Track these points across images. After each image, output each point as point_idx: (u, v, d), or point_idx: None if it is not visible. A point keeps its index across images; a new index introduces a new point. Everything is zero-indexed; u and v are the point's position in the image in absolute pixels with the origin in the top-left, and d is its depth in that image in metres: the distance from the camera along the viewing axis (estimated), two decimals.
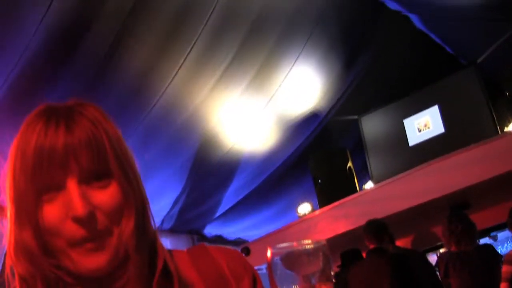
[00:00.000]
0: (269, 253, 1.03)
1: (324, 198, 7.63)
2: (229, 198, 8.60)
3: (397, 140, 7.58)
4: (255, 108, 7.28)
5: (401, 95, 7.67)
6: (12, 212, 1.15)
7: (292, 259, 1.01)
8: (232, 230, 9.60)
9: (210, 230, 9.31)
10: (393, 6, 7.21)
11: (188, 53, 6.12)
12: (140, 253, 1.18)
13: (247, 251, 7.68)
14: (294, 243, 1.02)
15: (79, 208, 1.08)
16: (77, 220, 1.09)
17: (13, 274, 1.17)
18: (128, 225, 1.16)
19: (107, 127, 1.19)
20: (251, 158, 7.96)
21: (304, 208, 7.97)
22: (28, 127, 1.15)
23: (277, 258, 1.02)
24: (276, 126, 7.76)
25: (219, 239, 9.50)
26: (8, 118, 5.53)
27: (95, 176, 1.14)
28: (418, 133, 7.42)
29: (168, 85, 6.25)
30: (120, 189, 1.16)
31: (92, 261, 1.12)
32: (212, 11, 5.94)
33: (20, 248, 1.14)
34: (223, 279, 1.23)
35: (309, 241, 1.03)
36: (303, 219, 7.66)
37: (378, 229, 5.60)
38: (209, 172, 7.88)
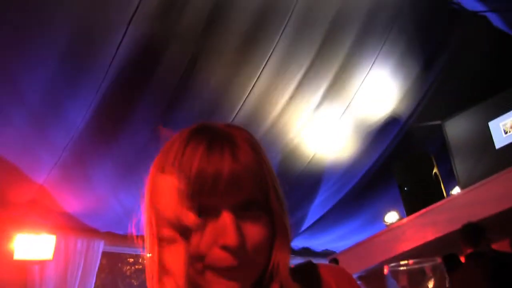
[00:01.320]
0: (385, 271, 1.01)
1: (411, 205, 7.52)
2: (315, 210, 8.57)
3: (483, 143, 7.41)
4: (333, 116, 7.24)
5: (485, 97, 7.50)
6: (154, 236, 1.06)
7: (408, 277, 0.98)
8: (319, 242, 9.57)
9: (297, 242, 9.30)
10: (471, 5, 7.07)
11: (264, 66, 6.14)
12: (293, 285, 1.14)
13: (335, 262, 7.62)
14: (410, 261, 1.00)
15: (233, 238, 1.05)
16: (228, 249, 1.05)
17: None
18: (283, 259, 1.13)
19: (264, 155, 1.16)
20: (333, 167, 7.92)
21: (391, 217, 7.88)
22: (186, 147, 1.10)
23: (391, 275, 0.99)
24: (356, 133, 7.70)
25: (306, 251, 9.48)
26: (91, 143, 5.67)
27: (249, 206, 1.10)
28: (504, 135, 7.24)
29: (245, 100, 6.29)
30: (273, 225, 1.13)
31: (224, 284, 1.07)
32: (287, 22, 5.95)
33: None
34: None
35: (425, 260, 1.00)
36: (391, 228, 7.57)
37: (475, 232, 5.47)
38: (293, 185, 7.86)
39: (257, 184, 1.10)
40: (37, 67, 4.87)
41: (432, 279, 0.97)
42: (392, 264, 0.98)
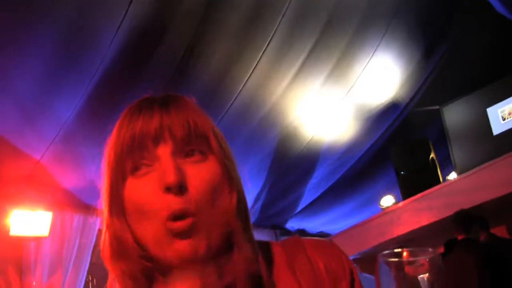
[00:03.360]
0: (378, 259, 0.99)
1: (407, 190, 7.54)
2: (311, 192, 8.59)
3: (481, 130, 7.42)
4: (334, 99, 7.24)
5: (484, 84, 7.49)
6: (106, 201, 1.15)
7: (402, 267, 0.97)
8: (314, 224, 9.59)
9: (293, 224, 9.33)
10: None
11: (266, 48, 6.12)
12: (248, 240, 1.15)
13: None
14: (405, 251, 0.98)
15: (172, 175, 1.06)
16: (170, 188, 1.06)
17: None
18: (231, 204, 1.14)
19: (202, 113, 1.20)
20: (331, 149, 7.93)
21: (387, 201, 7.91)
22: (123, 117, 1.17)
23: (385, 264, 0.98)
24: (356, 117, 7.70)
25: (302, 233, 9.50)
26: (87, 125, 5.67)
27: (191, 151, 1.13)
28: (502, 122, 7.24)
29: (247, 80, 6.28)
30: (219, 165, 1.15)
31: (184, 245, 1.06)
32: (288, 4, 5.92)
33: (112, 241, 1.13)
34: (319, 282, 1.17)
35: (422, 250, 0.98)
36: (386, 211, 7.58)
37: (466, 219, 5.48)
38: (290, 166, 7.88)
39: (194, 130, 1.13)
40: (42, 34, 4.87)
41: (428, 272, 0.95)
42: (385, 253, 0.97)
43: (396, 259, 0.96)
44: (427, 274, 0.94)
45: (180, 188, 1.06)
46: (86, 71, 5.26)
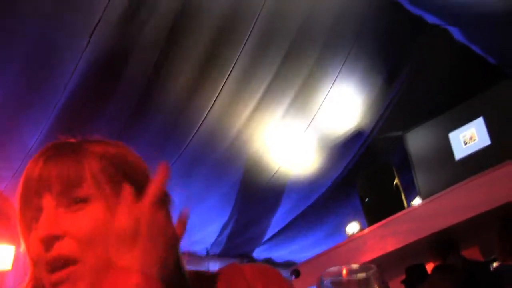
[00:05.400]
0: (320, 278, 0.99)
1: (372, 216, 7.55)
2: (278, 221, 8.58)
3: (443, 155, 7.47)
4: (298, 129, 7.27)
5: (445, 109, 7.57)
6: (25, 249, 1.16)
7: (342, 285, 0.97)
8: (282, 253, 9.56)
9: (260, 253, 9.29)
10: (431, 19, 7.15)
11: (227, 77, 6.15)
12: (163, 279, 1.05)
13: (297, 273, 7.62)
14: (344, 268, 0.98)
15: (42, 229, 1.06)
16: (43, 241, 1.06)
17: None
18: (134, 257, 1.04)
19: (91, 155, 1.17)
20: (298, 180, 7.94)
21: (353, 228, 7.90)
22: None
23: (327, 281, 0.97)
24: (320, 147, 7.74)
25: (268, 262, 9.46)
26: None
27: (73, 200, 1.11)
28: (464, 146, 7.30)
29: (209, 111, 6.29)
30: (103, 210, 1.11)
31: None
32: (250, 34, 5.96)
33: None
34: None
35: (357, 267, 0.98)
36: (352, 238, 7.58)
37: (441, 245, 5.50)
38: (256, 196, 7.87)
39: (70, 181, 1.11)
40: None
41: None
42: (327, 270, 0.97)
43: (336, 278, 0.96)
44: None
45: (53, 240, 1.06)
46: (49, 99, 5.24)
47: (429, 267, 5.88)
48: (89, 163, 1.15)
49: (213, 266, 8.16)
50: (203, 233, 7.65)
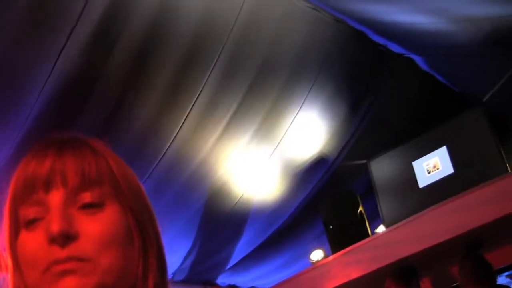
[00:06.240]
0: None
1: (336, 244, 7.58)
2: (242, 247, 8.55)
3: (407, 183, 7.53)
4: (263, 155, 7.28)
5: (409, 138, 7.64)
6: (8, 255, 1.07)
7: None
8: (246, 279, 9.53)
9: (224, 279, 9.24)
10: (396, 48, 7.23)
11: (194, 104, 6.14)
12: None
13: None
14: None
15: (55, 224, 0.97)
16: (55, 239, 0.97)
17: None
18: (138, 261, 1.06)
19: (106, 153, 1.16)
20: (262, 206, 7.94)
21: (317, 255, 7.91)
22: (24, 159, 1.11)
23: None
24: (285, 174, 7.75)
25: None
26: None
27: (87, 200, 1.04)
28: (427, 175, 7.37)
29: (174, 138, 6.27)
30: (120, 214, 1.06)
31: (71, 282, 0.96)
32: (216, 61, 5.97)
33: None
34: None
35: None
36: (316, 265, 7.60)
37: (405, 273, 5.52)
38: (220, 223, 7.85)
39: (89, 178, 1.05)
40: None
41: None
42: None
43: None
44: None
45: (66, 239, 0.97)
46: (14, 124, 5.18)
47: None
48: (106, 161, 1.12)
49: None
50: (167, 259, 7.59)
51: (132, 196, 1.11)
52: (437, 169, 7.30)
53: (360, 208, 7.80)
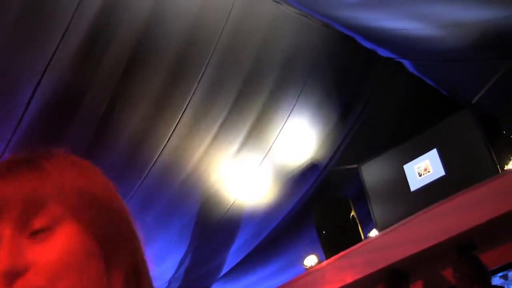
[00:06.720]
0: None
1: (330, 249, 7.58)
2: (235, 254, 8.54)
3: (399, 186, 7.54)
4: (253, 162, 7.27)
5: (400, 141, 7.65)
6: None
7: None
8: (240, 285, 9.51)
9: (218, 286, 9.23)
10: (385, 53, 7.25)
11: (183, 112, 6.13)
12: None
13: None
14: None
15: (0, 263, 0.90)
16: (2, 276, 0.89)
17: None
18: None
19: (66, 169, 1.07)
20: (253, 213, 7.93)
21: (311, 260, 7.90)
22: None
23: None
24: (276, 180, 7.75)
25: None
26: None
27: (35, 230, 0.95)
28: (419, 178, 7.38)
29: (164, 146, 6.26)
30: (75, 237, 0.97)
31: None
32: (204, 70, 5.97)
33: None
34: None
35: None
36: (310, 271, 7.60)
37: (395, 276, 5.52)
38: (213, 231, 7.84)
39: (33, 204, 0.96)
40: None
41: None
42: None
43: None
44: None
45: (14, 276, 0.90)
46: (2, 134, 5.17)
47: None
48: (61, 179, 1.02)
49: None
50: (159, 269, 7.58)
51: (94, 212, 1.02)
52: (428, 172, 7.31)
53: (353, 213, 7.81)
